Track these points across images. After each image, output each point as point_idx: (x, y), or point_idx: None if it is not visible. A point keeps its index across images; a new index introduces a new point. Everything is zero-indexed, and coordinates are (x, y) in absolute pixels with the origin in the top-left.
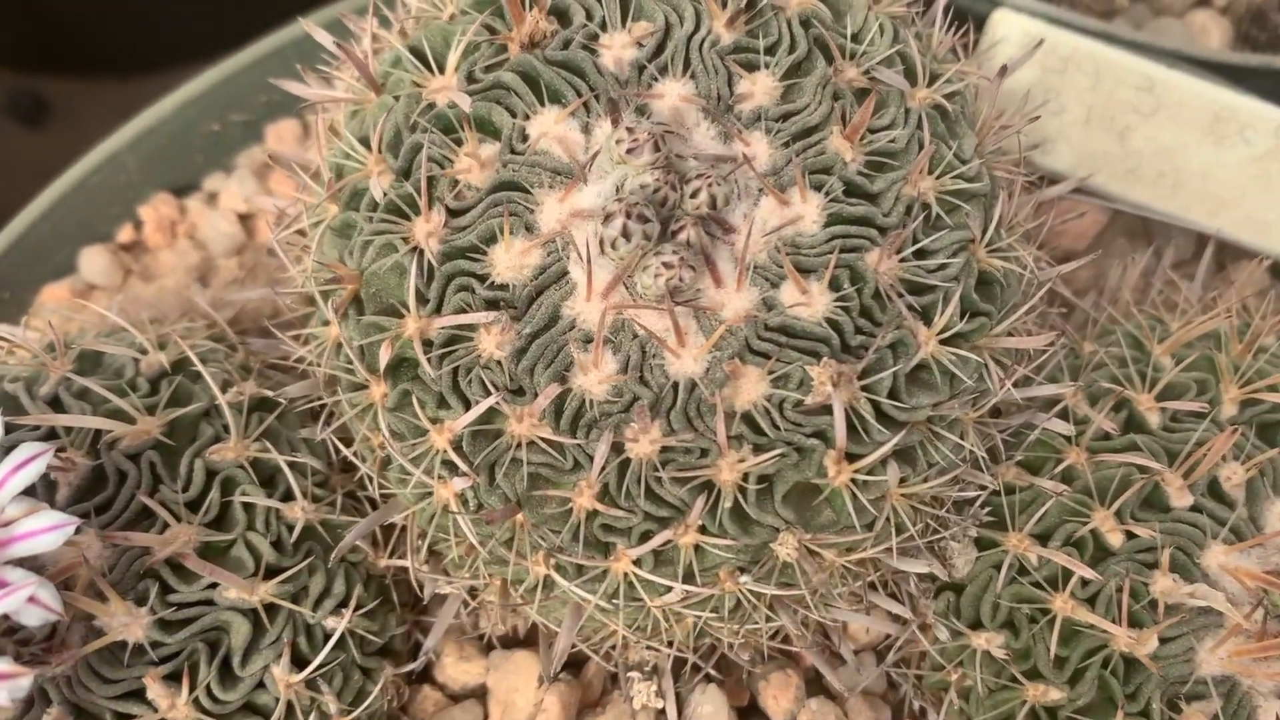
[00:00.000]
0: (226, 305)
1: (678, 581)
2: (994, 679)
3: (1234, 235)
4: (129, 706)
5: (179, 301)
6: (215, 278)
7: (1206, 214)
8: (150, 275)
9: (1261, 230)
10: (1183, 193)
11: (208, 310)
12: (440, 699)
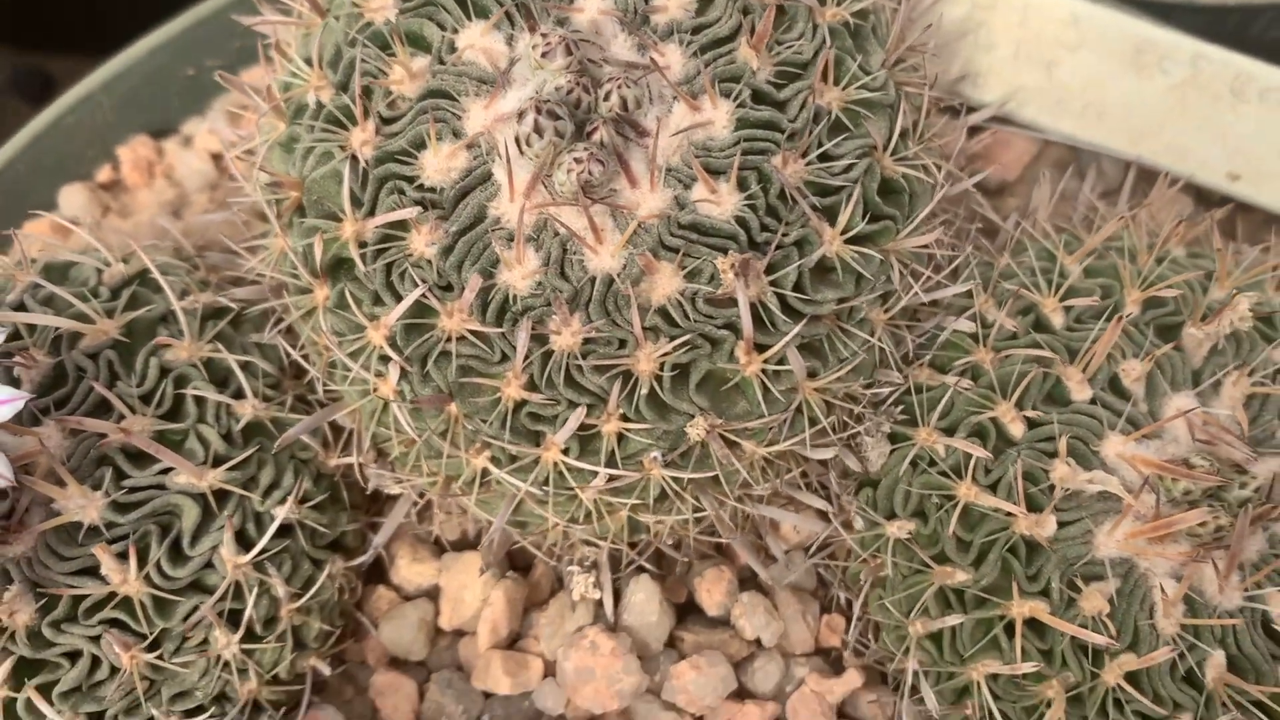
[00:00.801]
0: (194, 231)
1: (602, 464)
2: (906, 565)
3: (1154, 162)
4: (84, 582)
5: (152, 233)
6: (188, 211)
7: (1129, 142)
8: (128, 212)
9: (1179, 156)
10: (1106, 122)
11: (172, 231)
12: (395, 599)
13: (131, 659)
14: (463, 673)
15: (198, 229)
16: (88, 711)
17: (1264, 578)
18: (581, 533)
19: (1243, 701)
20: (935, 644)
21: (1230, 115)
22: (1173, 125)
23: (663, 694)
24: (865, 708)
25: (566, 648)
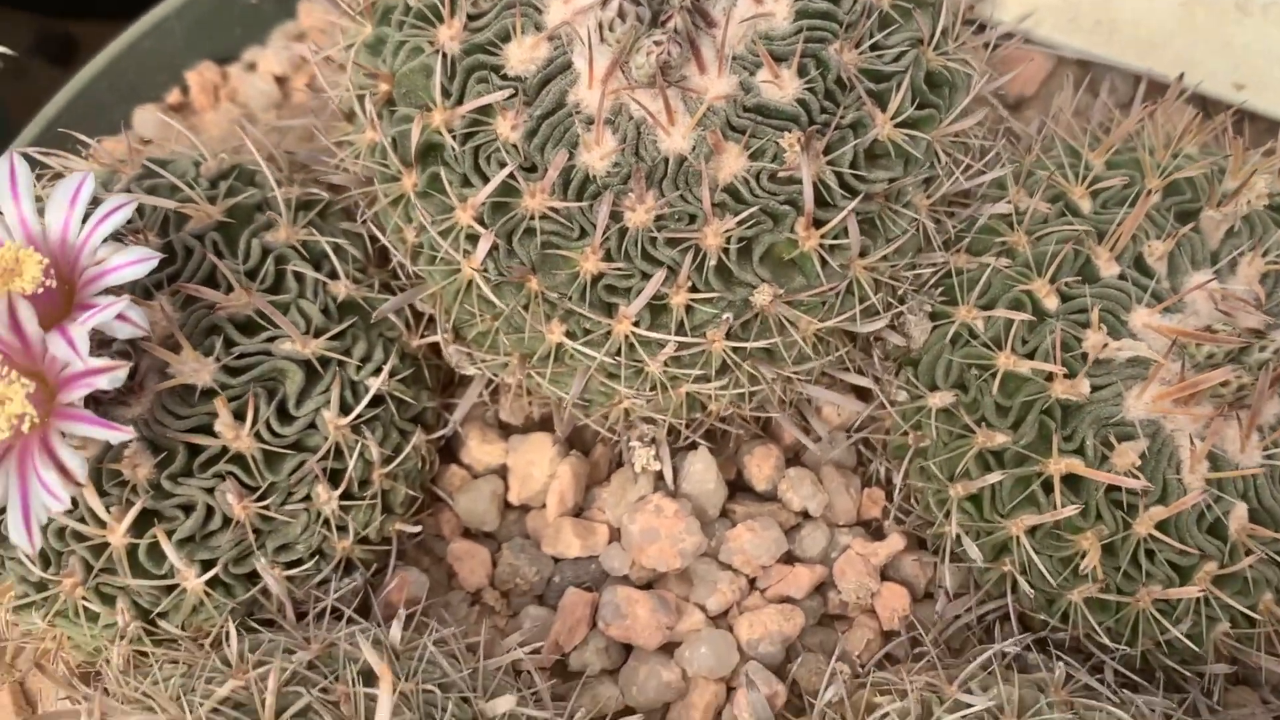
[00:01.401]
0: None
1: (672, 334)
2: (947, 432)
3: (1163, 74)
4: (198, 438)
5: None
6: (256, 128)
7: (1138, 56)
8: (196, 132)
9: (1187, 68)
10: (1117, 38)
11: (256, 134)
12: (466, 476)
13: (244, 509)
14: (531, 541)
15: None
16: (201, 559)
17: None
18: (644, 409)
19: (1264, 551)
20: (975, 504)
21: (1235, 28)
22: (1181, 39)
23: (719, 556)
24: (908, 568)
25: (631, 512)
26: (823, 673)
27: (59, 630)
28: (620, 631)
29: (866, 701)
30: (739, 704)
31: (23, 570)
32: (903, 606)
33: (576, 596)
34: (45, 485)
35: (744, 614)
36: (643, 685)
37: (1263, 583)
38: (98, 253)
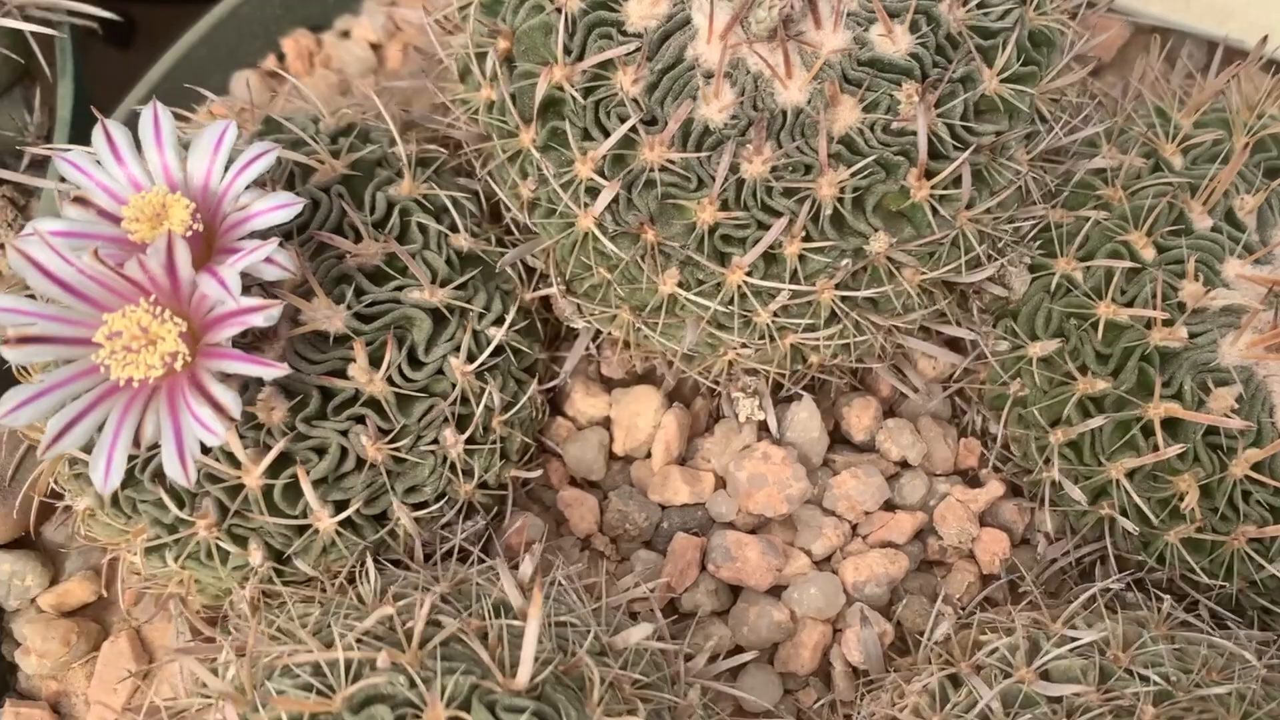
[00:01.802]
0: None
1: (785, 283)
2: (1048, 380)
3: (1238, 40)
4: (331, 382)
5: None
6: (352, 96)
7: (1215, 23)
8: (292, 98)
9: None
10: (1194, 6)
11: (368, 93)
12: (571, 428)
13: (376, 450)
14: (637, 489)
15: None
16: (334, 500)
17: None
18: (748, 361)
19: None
20: (1075, 450)
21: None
22: (1255, 8)
23: (823, 503)
24: (1006, 514)
25: (739, 459)
26: (926, 614)
27: (186, 574)
28: (731, 573)
29: (973, 640)
30: (848, 642)
31: (157, 513)
32: (1003, 550)
33: (686, 541)
34: (200, 420)
35: (848, 558)
36: (754, 625)
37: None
38: (239, 199)
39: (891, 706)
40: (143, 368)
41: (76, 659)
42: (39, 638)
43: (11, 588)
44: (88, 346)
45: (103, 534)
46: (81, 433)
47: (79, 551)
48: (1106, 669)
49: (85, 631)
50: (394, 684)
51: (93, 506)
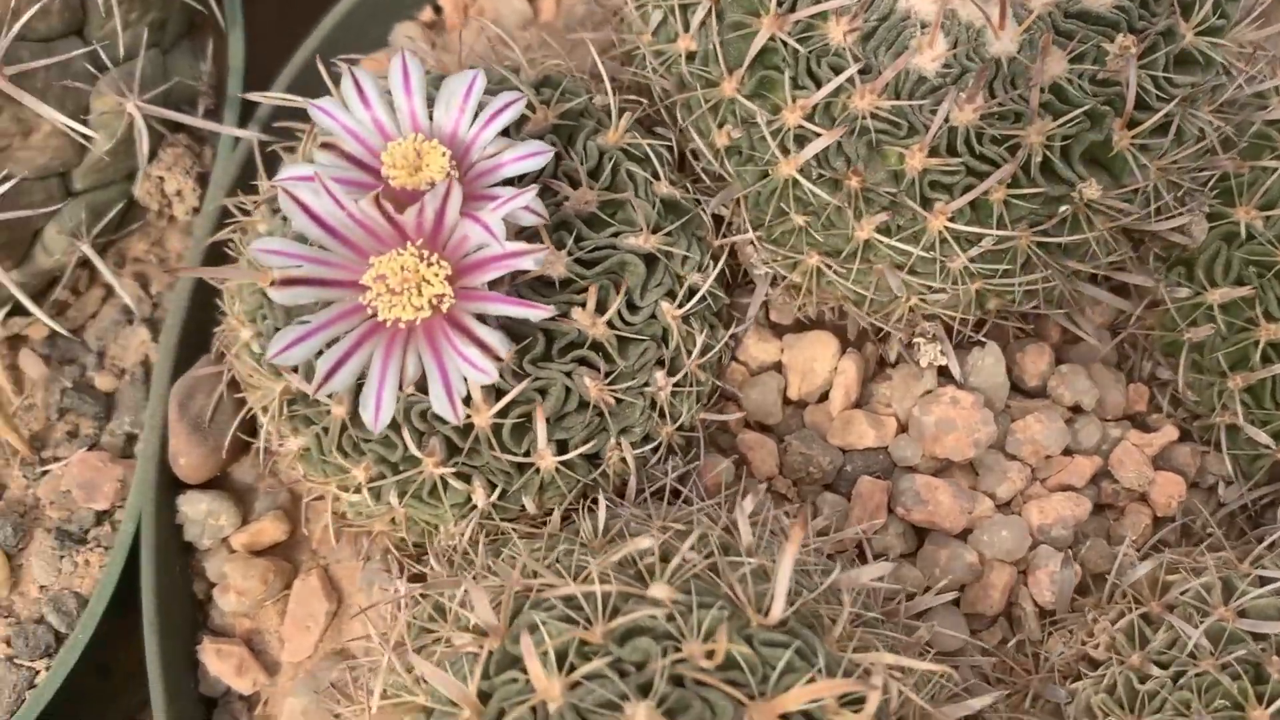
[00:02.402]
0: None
1: (993, 229)
2: (1227, 326)
3: None
4: (555, 325)
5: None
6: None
7: None
8: (450, 49)
9: None
10: None
11: (552, 44)
12: (745, 373)
13: (599, 391)
14: (814, 433)
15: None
16: (555, 439)
17: None
18: (930, 306)
19: None
20: (1253, 395)
21: None
22: None
23: (1005, 447)
24: (1180, 458)
25: (924, 404)
26: (1107, 556)
27: (400, 512)
28: (923, 516)
29: (1160, 580)
30: (1038, 582)
31: (383, 451)
32: (1179, 493)
33: (871, 484)
34: (469, 360)
35: (1029, 501)
36: (946, 567)
37: None
38: (487, 147)
39: (1083, 645)
40: (410, 309)
41: (271, 597)
42: (240, 575)
43: (206, 527)
44: (348, 289)
45: (316, 474)
46: (349, 372)
47: (266, 493)
48: None
49: (278, 570)
50: (655, 618)
51: (312, 447)
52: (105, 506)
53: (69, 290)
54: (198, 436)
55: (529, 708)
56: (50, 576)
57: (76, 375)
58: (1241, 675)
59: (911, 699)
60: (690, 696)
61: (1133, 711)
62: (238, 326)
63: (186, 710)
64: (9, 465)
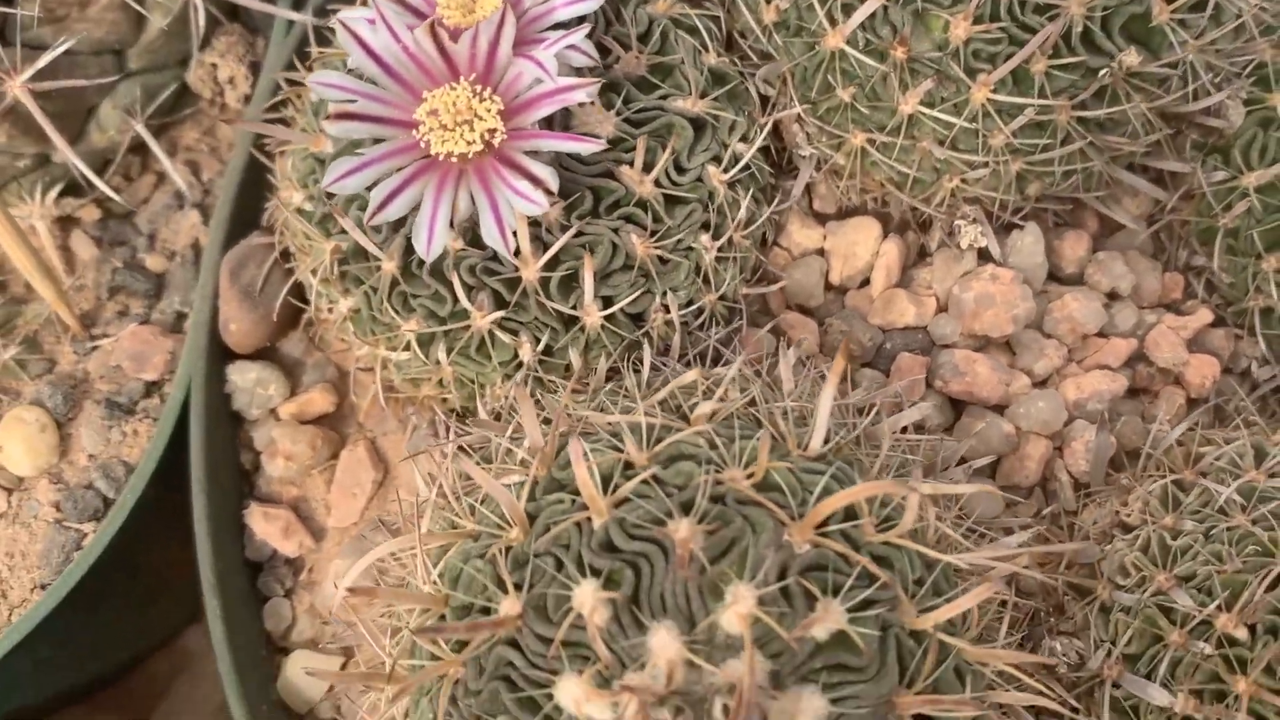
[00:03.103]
0: None
1: (1034, 99)
2: (1263, 207)
3: None
4: (603, 183)
5: None
6: None
7: None
8: None
9: None
10: None
11: None
12: (788, 257)
13: (645, 248)
14: (855, 313)
15: None
16: (601, 296)
17: None
18: (972, 187)
19: None
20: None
21: None
22: None
23: (1043, 326)
24: (1214, 341)
25: (964, 282)
26: (1142, 432)
27: (447, 371)
28: (961, 387)
29: (1193, 453)
30: (1074, 453)
31: (433, 305)
32: (1214, 373)
33: (911, 359)
34: (520, 193)
35: (1066, 379)
36: (982, 436)
37: None
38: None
39: (1117, 514)
40: (463, 143)
41: (318, 465)
42: (288, 440)
43: (255, 396)
44: (400, 127)
45: (365, 335)
46: (402, 204)
47: (315, 366)
48: None
49: (325, 439)
50: (697, 444)
51: (361, 306)
52: (154, 378)
53: (122, 176)
54: (248, 304)
55: (574, 524)
56: (99, 445)
57: (127, 256)
58: (1274, 526)
59: (948, 534)
60: (731, 513)
61: (1165, 566)
62: (290, 192)
63: (232, 573)
64: (60, 342)
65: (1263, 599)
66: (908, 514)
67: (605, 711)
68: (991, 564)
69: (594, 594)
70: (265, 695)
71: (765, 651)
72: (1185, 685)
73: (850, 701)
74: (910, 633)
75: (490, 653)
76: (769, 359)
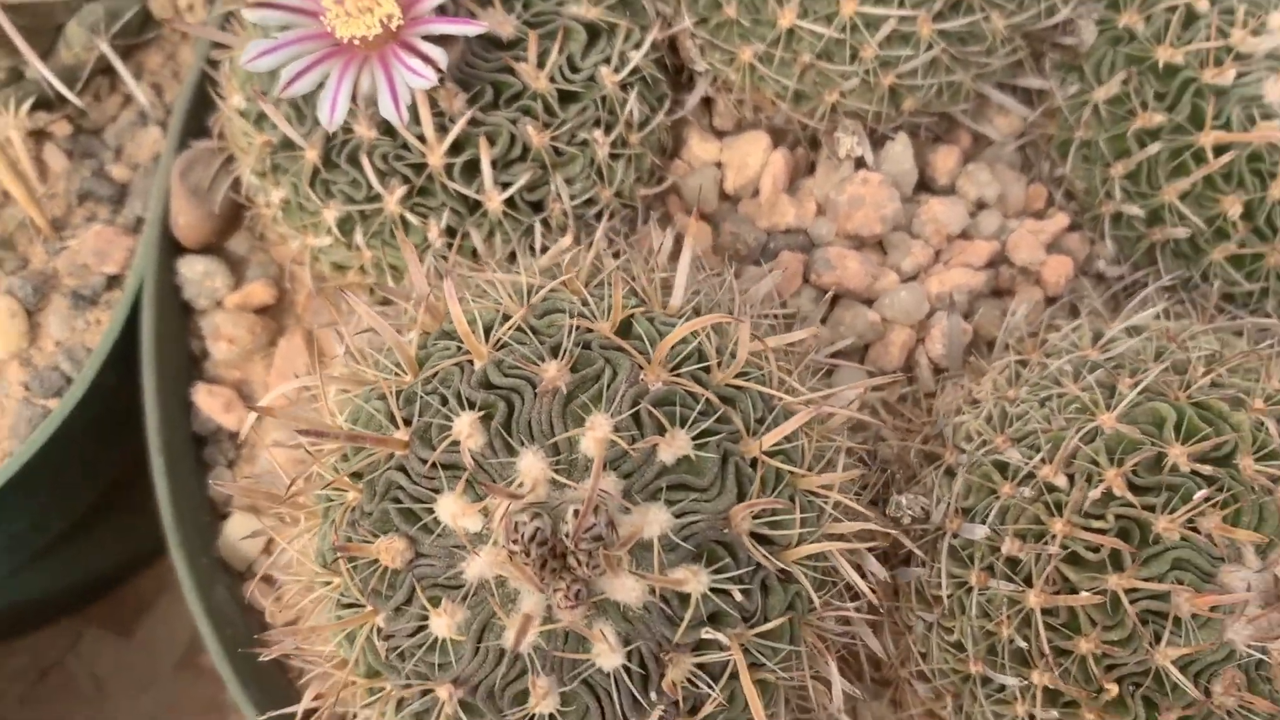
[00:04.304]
0: None
1: (892, 8)
2: (1111, 117)
3: None
4: (502, 78)
5: None
6: None
7: None
8: None
9: None
10: None
11: None
12: (687, 168)
13: (540, 138)
14: (746, 218)
15: None
16: (502, 183)
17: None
18: (850, 100)
19: None
20: (1133, 180)
21: None
22: None
23: (911, 229)
24: (1069, 243)
25: (839, 186)
26: (999, 323)
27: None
28: (833, 279)
29: (1042, 338)
30: (932, 339)
31: (350, 191)
32: (1068, 271)
33: (791, 256)
34: (411, 69)
35: (931, 276)
36: (850, 324)
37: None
38: None
39: (970, 392)
40: (363, 26)
41: (259, 350)
42: (231, 326)
43: (202, 288)
44: (310, 16)
45: (294, 224)
46: (309, 81)
47: (257, 263)
48: (1161, 347)
49: (265, 327)
50: (570, 300)
51: (289, 195)
52: (115, 271)
53: (92, 97)
54: (195, 200)
55: (457, 365)
56: (65, 333)
57: (95, 168)
58: (1093, 388)
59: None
60: (595, 356)
61: (1001, 430)
62: (233, 96)
63: (179, 443)
64: (32, 243)
65: (1078, 447)
66: (740, 348)
67: (477, 523)
68: (828, 407)
69: (471, 423)
70: (206, 551)
71: (619, 473)
72: (1010, 529)
73: (691, 515)
74: (751, 462)
75: (381, 478)
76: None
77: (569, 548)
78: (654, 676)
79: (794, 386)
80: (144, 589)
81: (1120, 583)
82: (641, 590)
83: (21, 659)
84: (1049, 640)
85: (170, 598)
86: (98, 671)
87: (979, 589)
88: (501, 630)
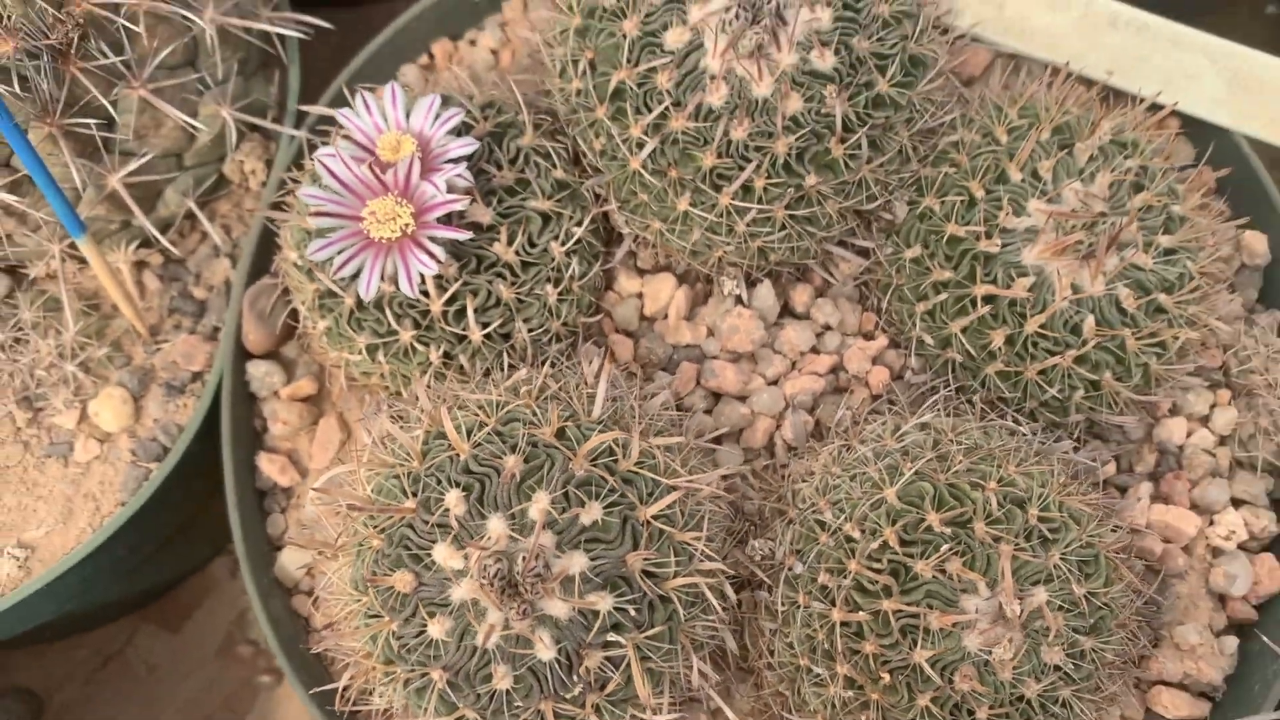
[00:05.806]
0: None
1: (755, 204)
2: (915, 271)
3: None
4: (483, 251)
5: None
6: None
7: (1047, 52)
8: (436, 83)
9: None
10: (1034, 39)
11: (494, 81)
12: (618, 298)
13: (508, 292)
14: (658, 336)
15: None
16: (482, 322)
17: (1115, 276)
18: (730, 256)
19: (1104, 344)
20: (930, 316)
21: (1108, 37)
22: (1075, 40)
23: (774, 346)
24: (888, 358)
25: (723, 317)
26: (834, 414)
27: (388, 368)
28: (716, 384)
29: (862, 429)
30: (786, 429)
31: (376, 326)
32: (885, 379)
33: (688, 366)
34: (421, 261)
35: (787, 380)
36: (728, 416)
37: (1103, 365)
38: (441, 140)
39: (810, 465)
40: (389, 230)
41: (304, 428)
42: (284, 410)
43: (264, 383)
44: (352, 220)
45: (333, 345)
46: (353, 265)
47: (304, 364)
48: (939, 440)
49: (309, 412)
50: (524, 412)
51: (332, 326)
52: (199, 369)
53: (178, 234)
54: (261, 322)
55: (448, 457)
56: (161, 413)
57: (180, 289)
58: (883, 472)
59: (675, 468)
60: (539, 452)
61: (824, 496)
62: (289, 251)
63: (248, 496)
64: (135, 345)
65: (866, 513)
66: (631, 450)
67: (460, 564)
68: (696, 485)
69: (457, 497)
70: (266, 573)
71: (553, 531)
72: (823, 566)
73: (602, 559)
74: (643, 523)
75: (396, 532)
76: (591, 363)
77: (520, 581)
78: (576, 665)
79: (676, 470)
80: (190, 593)
81: (890, 605)
82: (568, 609)
83: (86, 650)
84: (845, 643)
85: (211, 600)
86: (150, 660)
87: (804, 607)
88: (475, 634)
